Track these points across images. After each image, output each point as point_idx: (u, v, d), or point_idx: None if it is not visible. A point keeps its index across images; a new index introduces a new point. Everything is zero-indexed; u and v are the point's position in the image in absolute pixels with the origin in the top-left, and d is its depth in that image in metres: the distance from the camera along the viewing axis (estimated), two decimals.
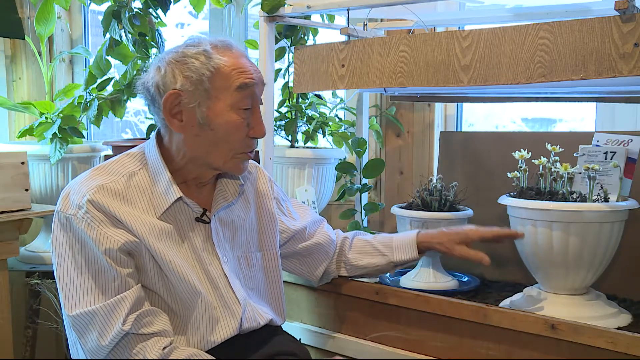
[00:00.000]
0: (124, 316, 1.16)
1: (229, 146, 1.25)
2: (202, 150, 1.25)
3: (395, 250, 1.50)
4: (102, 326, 1.16)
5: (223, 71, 1.22)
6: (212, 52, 1.22)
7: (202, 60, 1.21)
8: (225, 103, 1.23)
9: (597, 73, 1.25)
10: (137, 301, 1.18)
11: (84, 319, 1.16)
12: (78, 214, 1.18)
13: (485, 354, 1.37)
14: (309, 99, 2.11)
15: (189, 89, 1.21)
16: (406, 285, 1.61)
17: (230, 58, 1.24)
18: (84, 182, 1.23)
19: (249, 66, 1.26)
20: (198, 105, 1.22)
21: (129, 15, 2.05)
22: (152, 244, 1.21)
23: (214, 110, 1.22)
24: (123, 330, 1.15)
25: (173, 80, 1.22)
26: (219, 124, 1.23)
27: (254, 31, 2.08)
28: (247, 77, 1.24)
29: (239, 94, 1.23)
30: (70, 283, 1.18)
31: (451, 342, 1.42)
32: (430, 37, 1.47)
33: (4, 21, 2.34)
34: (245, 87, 1.23)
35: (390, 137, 2.25)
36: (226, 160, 1.27)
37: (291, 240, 1.51)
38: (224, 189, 1.35)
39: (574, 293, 1.39)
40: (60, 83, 2.71)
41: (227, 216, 1.35)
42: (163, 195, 1.25)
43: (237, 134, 1.25)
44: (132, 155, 1.30)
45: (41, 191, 2.18)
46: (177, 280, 1.23)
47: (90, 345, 1.17)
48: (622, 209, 1.33)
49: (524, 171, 1.46)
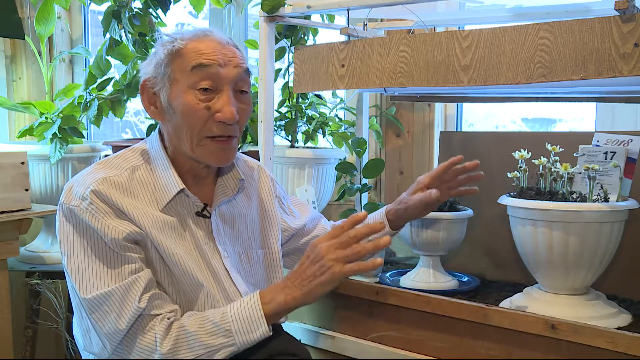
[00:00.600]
0: (139, 295, 1.15)
1: (190, 130, 1.24)
2: (175, 137, 1.27)
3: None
4: (119, 306, 1.15)
5: (182, 53, 1.23)
6: (177, 38, 1.25)
7: (167, 47, 1.24)
8: (183, 84, 1.23)
9: (597, 73, 1.25)
10: (150, 282, 1.19)
11: (100, 300, 1.16)
12: (82, 205, 1.18)
13: (485, 354, 1.37)
14: (309, 99, 2.11)
15: (154, 75, 1.25)
16: (406, 285, 1.62)
17: (194, 43, 1.24)
18: (87, 175, 1.23)
19: (216, 49, 1.24)
20: (163, 89, 1.25)
21: (129, 15, 2.05)
22: (155, 236, 1.22)
23: (173, 92, 1.24)
24: (140, 307, 1.15)
25: (147, 70, 1.27)
26: (176, 106, 1.23)
27: (254, 31, 2.08)
28: (205, 57, 1.22)
29: (195, 74, 1.22)
30: (83, 269, 1.18)
31: (451, 342, 1.42)
32: (430, 37, 1.47)
33: (4, 21, 2.34)
34: (200, 66, 1.22)
35: (390, 137, 2.25)
36: (193, 147, 1.25)
37: (292, 237, 1.52)
38: (224, 184, 1.36)
39: (574, 293, 1.39)
40: (60, 83, 2.71)
41: (228, 212, 1.36)
42: (165, 188, 1.26)
43: (195, 116, 1.23)
44: (135, 150, 1.31)
45: (41, 191, 2.18)
46: (179, 273, 1.23)
47: (107, 328, 1.16)
48: (622, 209, 1.33)
49: (524, 171, 1.46)
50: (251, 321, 1.17)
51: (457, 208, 1.64)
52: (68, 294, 2.19)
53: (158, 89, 1.25)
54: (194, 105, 1.22)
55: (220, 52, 1.24)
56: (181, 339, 1.16)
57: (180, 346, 1.15)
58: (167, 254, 1.22)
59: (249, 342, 1.17)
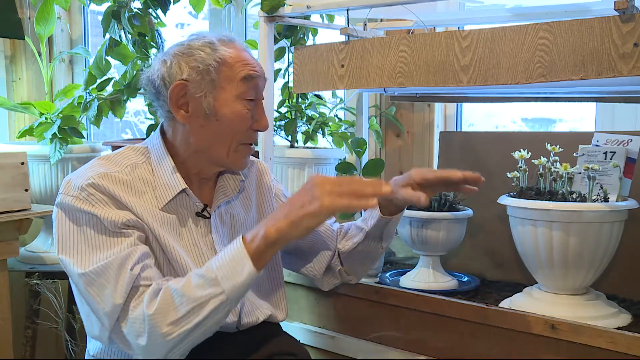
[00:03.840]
0: (133, 263, 1.14)
1: (232, 137, 1.27)
2: (206, 142, 1.27)
3: (367, 220, 1.45)
4: (115, 278, 1.13)
5: (228, 62, 1.25)
6: (217, 43, 1.26)
7: (208, 52, 1.24)
8: (231, 94, 1.25)
9: (596, 73, 1.25)
10: (145, 254, 1.17)
11: (96, 273, 1.14)
12: (80, 196, 1.17)
13: (485, 354, 1.37)
14: (309, 99, 2.11)
15: (196, 79, 1.23)
16: (406, 285, 1.62)
17: (234, 50, 1.27)
18: (87, 170, 1.23)
19: (251, 59, 1.29)
20: (205, 95, 1.24)
21: (129, 16, 2.05)
22: (156, 229, 1.22)
23: (221, 100, 1.24)
24: (133, 275, 1.12)
25: (179, 72, 1.24)
26: (225, 114, 1.25)
27: (254, 31, 2.08)
28: (252, 69, 1.27)
29: (244, 85, 1.26)
30: (78, 246, 1.17)
31: (451, 342, 1.42)
32: (429, 37, 1.47)
33: (3, 21, 2.33)
34: (250, 78, 1.26)
35: (390, 137, 2.25)
36: (229, 153, 1.28)
37: None
38: (224, 184, 1.36)
39: (574, 293, 1.39)
40: (60, 83, 2.71)
41: (228, 212, 1.36)
42: (167, 187, 1.26)
43: (242, 125, 1.27)
44: (135, 149, 1.32)
45: (41, 191, 2.18)
46: (179, 268, 1.23)
47: (104, 304, 1.14)
48: (622, 209, 1.33)
49: (524, 171, 1.46)
50: (236, 263, 1.09)
51: (457, 208, 1.64)
52: (68, 294, 2.21)
53: (199, 94, 1.24)
54: (245, 114, 1.27)
55: (256, 64, 1.30)
56: (167, 298, 1.10)
57: (168, 306, 1.10)
58: (168, 247, 1.23)
59: (237, 286, 1.09)
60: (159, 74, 1.26)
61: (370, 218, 1.44)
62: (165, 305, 1.10)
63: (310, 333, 1.65)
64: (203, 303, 1.09)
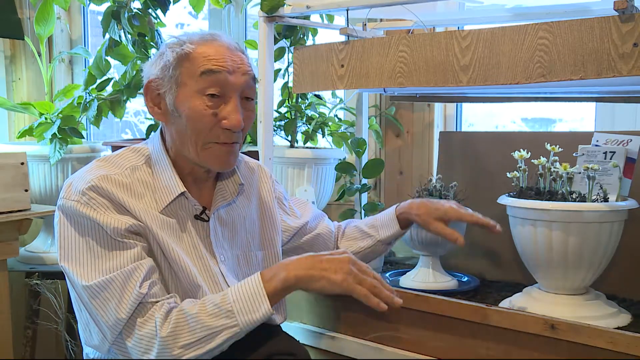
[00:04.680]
0: (140, 281, 1.14)
1: (196, 134, 1.24)
2: (179, 140, 1.26)
3: (380, 229, 1.50)
4: (120, 294, 1.13)
5: (191, 57, 1.23)
6: (186, 41, 1.24)
7: (175, 49, 1.23)
8: (191, 89, 1.23)
9: (596, 73, 1.25)
10: (151, 270, 1.18)
11: (100, 287, 1.14)
12: (81, 200, 1.17)
13: (485, 354, 1.37)
14: (309, 99, 2.11)
15: (160, 77, 1.25)
16: (406, 285, 1.62)
17: (203, 47, 1.24)
18: (88, 172, 1.23)
19: (225, 55, 1.24)
20: (169, 91, 1.24)
21: (129, 16, 2.05)
22: (157, 232, 1.22)
23: (180, 96, 1.23)
24: (141, 293, 1.13)
25: (153, 71, 1.26)
26: (183, 110, 1.23)
27: (254, 31, 2.08)
28: (215, 63, 1.22)
29: (204, 80, 1.22)
30: (82, 257, 1.16)
31: (451, 342, 1.42)
32: (429, 37, 1.47)
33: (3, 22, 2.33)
34: (209, 72, 1.22)
35: (390, 137, 2.25)
36: (197, 151, 1.25)
37: (294, 236, 1.52)
38: (223, 188, 1.36)
39: (574, 293, 1.39)
40: (59, 83, 2.71)
41: (227, 215, 1.36)
42: (166, 189, 1.26)
43: (202, 121, 1.23)
44: (135, 150, 1.31)
45: (41, 191, 2.18)
46: (179, 270, 1.23)
47: (108, 317, 1.15)
48: (622, 208, 1.33)
49: (524, 171, 1.46)
50: (253, 300, 1.14)
51: None
52: (68, 295, 2.20)
53: (164, 91, 1.25)
54: (202, 110, 1.22)
55: (229, 58, 1.24)
56: (181, 321, 1.13)
57: (181, 329, 1.13)
58: (169, 249, 1.22)
59: (251, 322, 1.14)
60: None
61: (386, 228, 1.49)
62: (178, 329, 1.13)
63: (310, 333, 1.65)
64: (216, 332, 1.13)
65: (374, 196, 2.27)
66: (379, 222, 1.51)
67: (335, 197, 2.05)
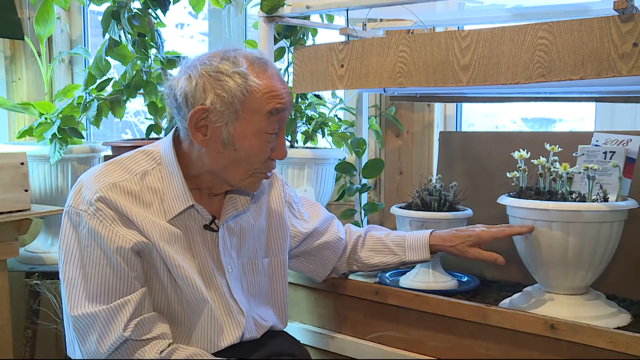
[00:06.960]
0: (125, 321, 1.15)
1: (249, 166, 1.24)
2: (221, 166, 1.23)
3: (408, 250, 1.48)
4: (102, 330, 1.15)
5: (256, 95, 1.18)
6: (247, 72, 1.18)
7: (237, 81, 1.17)
8: (254, 126, 1.20)
9: (596, 73, 1.25)
10: (140, 306, 1.18)
11: (85, 320, 1.16)
12: (89, 210, 1.17)
13: (485, 354, 1.37)
14: (309, 99, 2.11)
15: (219, 108, 1.18)
16: (406, 285, 1.61)
17: (265, 80, 1.19)
18: (97, 178, 1.21)
19: (281, 89, 1.22)
20: (225, 125, 1.19)
21: (128, 16, 2.05)
22: (162, 247, 1.21)
23: (241, 131, 1.20)
24: (124, 336, 1.15)
25: (203, 96, 1.18)
26: (243, 146, 1.21)
27: (254, 31, 2.08)
28: (279, 102, 1.20)
29: (269, 118, 1.20)
30: (75, 282, 1.17)
31: (451, 342, 1.42)
32: (429, 37, 1.47)
33: (3, 22, 2.33)
34: (276, 112, 1.20)
35: (390, 137, 2.25)
36: (243, 179, 1.25)
37: (303, 242, 1.50)
38: (234, 198, 1.33)
39: (574, 293, 1.39)
40: (59, 83, 2.71)
41: (235, 224, 1.34)
42: (175, 200, 1.24)
43: (260, 157, 1.23)
44: (147, 153, 1.28)
45: (41, 192, 2.18)
46: (185, 285, 1.23)
47: (88, 347, 1.17)
48: (622, 208, 1.33)
49: (524, 171, 1.46)
50: None
51: (456, 208, 1.63)
52: None
53: (220, 122, 1.18)
54: (264, 148, 1.23)
55: (284, 92, 1.22)
56: None
57: None
58: (173, 265, 1.22)
59: None
60: (182, 91, 1.20)
61: (415, 252, 1.48)
62: None
63: (310, 333, 1.65)
64: None
65: (373, 196, 2.27)
66: (408, 243, 1.49)
67: (335, 197, 2.05)
